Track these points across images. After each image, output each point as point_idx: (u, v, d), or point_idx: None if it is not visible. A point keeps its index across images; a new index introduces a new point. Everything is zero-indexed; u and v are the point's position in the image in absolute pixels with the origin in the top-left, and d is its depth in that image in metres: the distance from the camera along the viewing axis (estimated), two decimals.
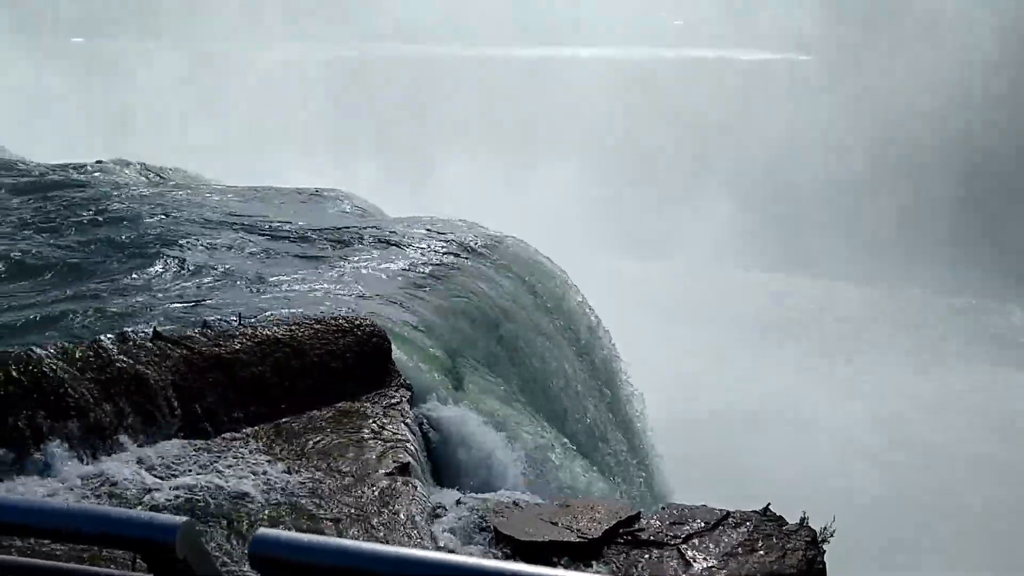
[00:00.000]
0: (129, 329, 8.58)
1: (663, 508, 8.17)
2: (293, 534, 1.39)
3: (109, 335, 8.37)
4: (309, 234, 13.79)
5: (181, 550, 1.42)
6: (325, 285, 11.19)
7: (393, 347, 9.74)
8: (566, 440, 11.63)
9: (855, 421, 21.92)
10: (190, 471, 6.86)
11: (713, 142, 44.14)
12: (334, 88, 44.94)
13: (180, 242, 12.51)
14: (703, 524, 7.67)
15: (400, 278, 12.01)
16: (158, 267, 11.13)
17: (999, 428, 22.26)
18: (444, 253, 13.37)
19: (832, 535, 7.84)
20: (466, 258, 13.48)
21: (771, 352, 25.91)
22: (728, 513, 7.91)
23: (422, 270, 12.45)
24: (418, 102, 44.65)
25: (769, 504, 8.11)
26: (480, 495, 8.33)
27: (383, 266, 12.43)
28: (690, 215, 36.80)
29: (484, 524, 7.44)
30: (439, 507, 7.71)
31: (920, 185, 39.24)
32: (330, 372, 9.08)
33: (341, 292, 10.99)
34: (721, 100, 46.47)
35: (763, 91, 46.46)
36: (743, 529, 7.61)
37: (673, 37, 58.24)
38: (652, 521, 7.70)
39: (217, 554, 5.81)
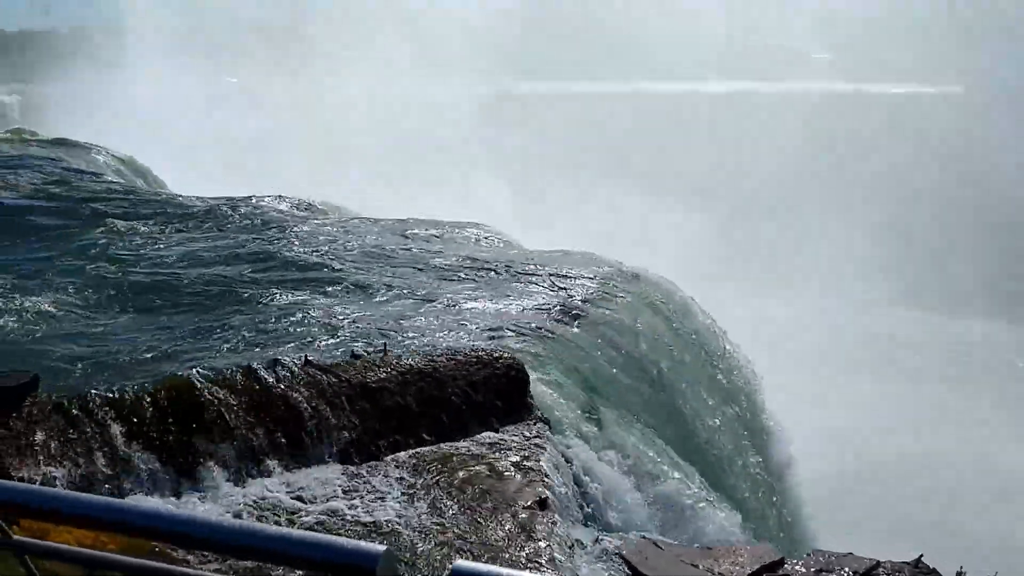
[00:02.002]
0: (281, 356, 8.92)
1: (808, 555, 7.89)
2: (490, 567, 1.40)
3: (262, 361, 8.73)
4: (449, 266, 14.06)
5: None
6: (465, 316, 11.36)
7: (531, 380, 9.79)
8: (703, 479, 11.38)
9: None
10: (336, 497, 7.05)
11: (851, 175, 42.81)
12: (477, 122, 45.66)
13: (329, 273, 12.98)
14: (851, 573, 7.36)
15: (538, 311, 12.07)
16: (308, 296, 11.55)
17: None
18: (583, 286, 13.38)
19: None
20: (604, 292, 13.45)
21: (909, 390, 24.49)
22: (878, 563, 7.57)
23: (560, 303, 12.48)
24: (558, 136, 44.93)
25: (922, 556, 7.72)
26: (618, 533, 8.24)
27: (521, 298, 12.53)
28: (827, 250, 35.71)
29: (622, 563, 7.34)
30: (577, 543, 7.66)
31: None
32: (470, 403, 9.19)
33: (480, 324, 11.13)
34: (861, 133, 45.10)
35: (910, 123, 44.82)
36: None
37: (816, 70, 56.94)
38: (797, 568, 7.44)
39: None
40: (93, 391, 7.96)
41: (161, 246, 14.60)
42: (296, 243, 14.86)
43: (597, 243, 16.94)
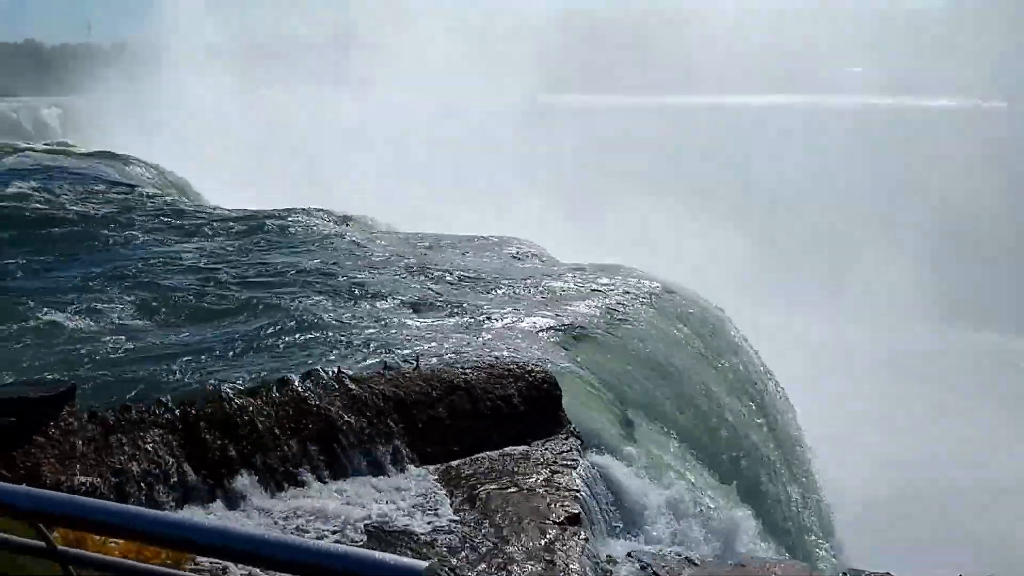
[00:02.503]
0: (316, 368, 8.97)
1: (844, 574, 7.79)
2: None
3: (297, 373, 8.78)
4: (482, 278, 14.09)
5: None
6: (498, 329, 11.37)
7: (564, 394, 9.76)
8: (737, 496, 11.29)
9: None
10: (371, 510, 7.07)
11: (890, 190, 42.26)
12: (514, 134, 45.62)
13: (362, 285, 13.04)
14: None
15: (571, 324, 12.05)
16: (342, 309, 11.61)
17: None
18: (617, 301, 13.35)
19: None
20: (639, 307, 13.40)
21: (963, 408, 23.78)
22: None
23: (594, 316, 12.46)
24: (595, 148, 44.81)
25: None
26: (649, 548, 8.18)
27: (555, 311, 12.52)
28: (867, 265, 35.26)
29: None
30: (609, 559, 7.62)
31: None
32: (501, 416, 9.18)
33: (513, 337, 11.13)
34: (901, 147, 44.56)
35: (951, 137, 44.22)
36: None
37: (852, 84, 56.47)
38: None
39: None
40: (129, 401, 8.05)
41: (197, 258, 14.75)
42: (331, 256, 14.97)
43: (632, 257, 16.88)
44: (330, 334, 10.61)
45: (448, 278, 14.08)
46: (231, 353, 9.78)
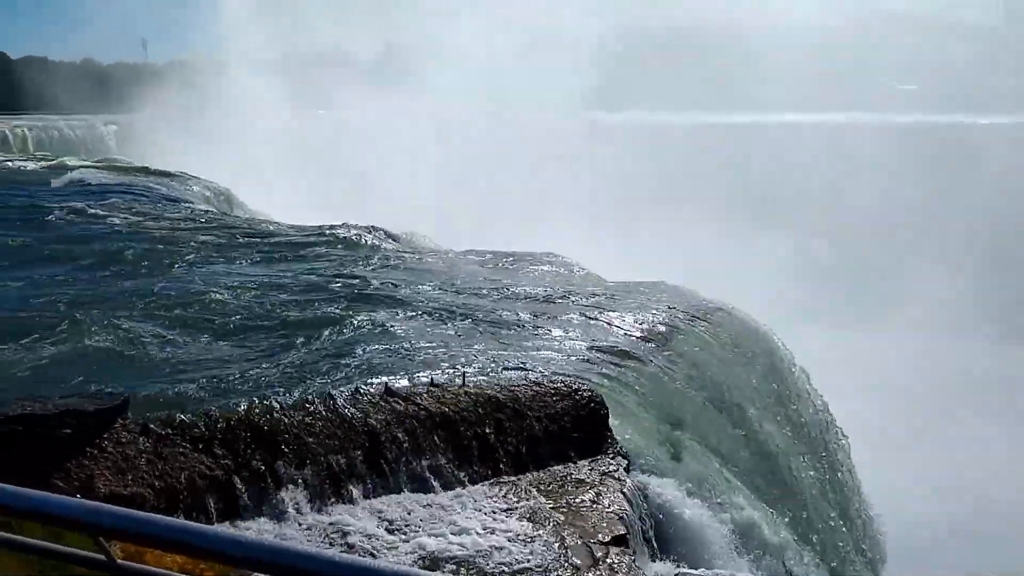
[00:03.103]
0: (361, 383, 9.03)
1: None
2: None
3: (343, 388, 8.84)
4: (528, 295, 14.10)
5: None
6: (543, 346, 11.36)
7: (610, 413, 9.71)
8: (783, 519, 11.13)
9: None
10: (419, 528, 7.08)
11: (944, 208, 41.51)
12: (560, 149, 45.63)
13: (408, 301, 13.13)
14: None
15: (617, 342, 12.00)
16: (388, 324, 11.69)
17: None
18: (663, 319, 13.27)
19: None
20: (685, 325, 13.31)
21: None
22: None
23: (640, 335, 12.40)
24: (642, 165, 44.63)
25: None
26: (697, 571, 8.10)
27: (600, 329, 12.48)
28: (920, 284, 34.63)
29: None
30: None
31: None
32: (547, 435, 9.16)
33: (559, 354, 11.12)
34: (955, 165, 43.77)
35: (1006, 154, 43.34)
36: None
37: (906, 101, 55.68)
38: None
39: None
40: (179, 414, 8.16)
41: (248, 272, 14.96)
42: (377, 271, 15.10)
43: (677, 274, 16.78)
44: (376, 349, 10.68)
45: (494, 294, 14.11)
46: (279, 367, 9.89)
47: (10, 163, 38.81)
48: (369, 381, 9.15)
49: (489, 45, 57.90)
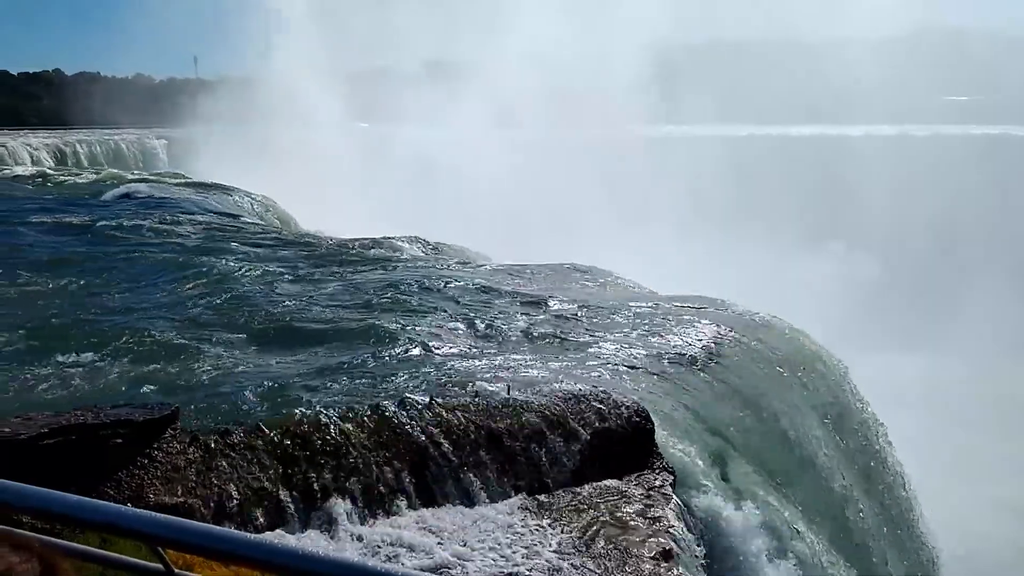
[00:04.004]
0: (408, 395, 9.04)
1: None
2: None
3: (390, 401, 8.86)
4: (575, 308, 14.04)
5: None
6: (589, 360, 11.29)
7: (656, 428, 9.61)
8: (833, 542, 10.93)
9: None
10: (466, 541, 7.05)
11: (994, 224, 40.63)
12: (618, 166, 45.38)
13: (454, 313, 13.16)
14: None
15: (664, 356, 11.89)
16: (435, 336, 11.72)
17: None
18: (711, 334, 13.11)
19: None
20: (734, 340, 13.14)
21: None
22: None
23: (687, 350, 12.25)
24: (693, 181, 44.24)
25: None
26: None
27: (647, 343, 12.37)
28: (973, 305, 33.88)
29: None
30: None
31: None
32: (592, 449, 9.08)
33: (604, 368, 11.04)
34: (1014, 177, 42.76)
35: None
36: None
37: (954, 114, 54.73)
38: None
39: None
40: (228, 424, 8.23)
41: (295, 284, 15.10)
42: (425, 283, 15.14)
43: (726, 290, 16.60)
44: (421, 361, 10.71)
45: (540, 307, 14.08)
46: (326, 378, 9.94)
47: (64, 176, 39.68)
48: (415, 393, 9.16)
49: (543, 57, 57.74)
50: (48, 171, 43.16)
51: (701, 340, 12.85)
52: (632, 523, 8.01)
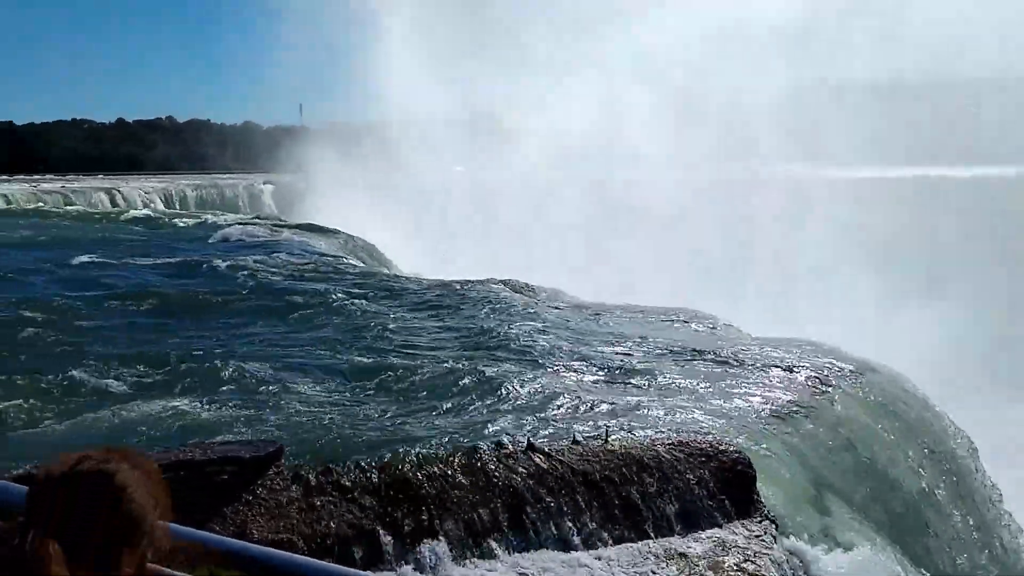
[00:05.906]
0: (504, 437, 9.05)
1: None
2: None
3: (486, 443, 8.88)
4: (671, 351, 13.88)
5: None
6: (688, 405, 11.11)
7: (758, 475, 9.39)
8: None
9: None
10: None
11: None
12: (711, 206, 44.63)
13: (550, 355, 13.18)
14: None
15: (763, 401, 11.63)
16: (530, 378, 11.72)
17: None
18: (811, 379, 12.79)
19: None
20: (836, 386, 12.78)
21: None
22: None
23: (788, 396, 11.97)
24: (801, 222, 43.08)
25: None
26: None
27: (745, 388, 12.13)
28: None
29: None
30: None
31: None
32: (693, 497, 8.92)
33: (702, 413, 10.85)
34: None
35: None
36: None
37: None
38: None
39: None
40: (329, 463, 8.36)
41: (396, 325, 15.34)
42: (520, 325, 15.20)
43: (827, 332, 16.17)
44: (518, 403, 10.72)
45: (636, 350, 13.97)
46: (426, 419, 10.04)
47: (174, 219, 41.36)
48: (511, 435, 9.17)
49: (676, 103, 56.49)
50: (156, 214, 45.07)
51: (801, 383, 12.55)
52: (733, 573, 7.82)
